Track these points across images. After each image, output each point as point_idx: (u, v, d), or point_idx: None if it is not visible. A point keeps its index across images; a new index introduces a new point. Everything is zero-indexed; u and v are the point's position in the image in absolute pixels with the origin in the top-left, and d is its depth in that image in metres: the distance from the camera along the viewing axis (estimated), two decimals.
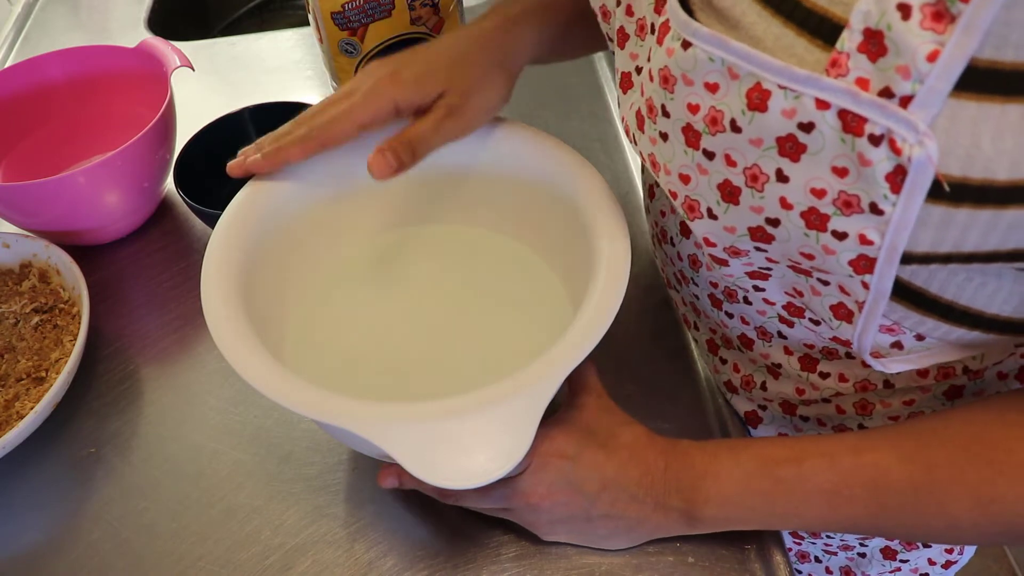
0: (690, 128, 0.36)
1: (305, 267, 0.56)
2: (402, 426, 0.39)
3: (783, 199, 0.34)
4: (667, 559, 0.48)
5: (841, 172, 0.32)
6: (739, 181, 0.36)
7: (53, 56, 0.75)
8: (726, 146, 0.35)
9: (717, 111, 0.35)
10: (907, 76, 0.29)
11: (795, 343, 0.48)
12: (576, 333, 0.42)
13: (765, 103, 0.32)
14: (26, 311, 0.62)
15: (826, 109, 0.31)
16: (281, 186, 0.53)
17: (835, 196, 0.33)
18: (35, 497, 0.55)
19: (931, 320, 0.39)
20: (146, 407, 0.59)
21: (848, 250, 0.34)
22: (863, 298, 0.37)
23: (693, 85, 0.35)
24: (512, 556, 0.49)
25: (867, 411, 0.50)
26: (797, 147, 0.33)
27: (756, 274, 0.43)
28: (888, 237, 0.33)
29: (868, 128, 0.30)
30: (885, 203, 0.31)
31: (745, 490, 0.43)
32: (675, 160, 0.39)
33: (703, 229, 0.40)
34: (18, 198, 0.63)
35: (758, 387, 0.54)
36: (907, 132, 0.29)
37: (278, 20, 1.21)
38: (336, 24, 0.59)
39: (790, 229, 0.35)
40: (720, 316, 0.51)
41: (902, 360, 0.42)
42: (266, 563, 0.50)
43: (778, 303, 0.44)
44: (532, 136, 0.54)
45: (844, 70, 0.30)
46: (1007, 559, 1.38)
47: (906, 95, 0.29)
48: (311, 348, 0.53)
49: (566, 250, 0.53)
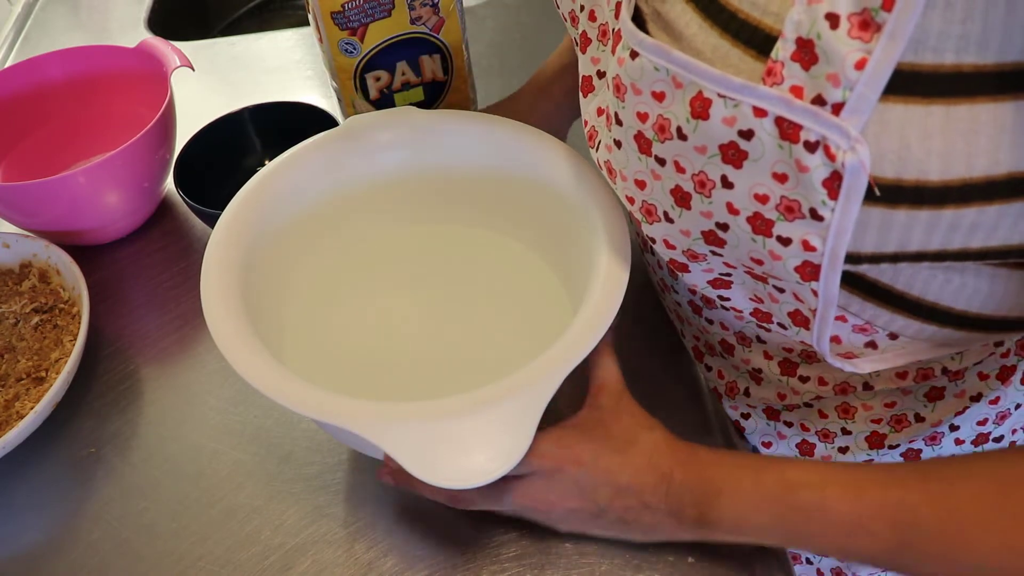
0: (641, 136, 0.37)
1: (304, 267, 0.56)
2: (401, 426, 0.39)
3: (730, 204, 0.35)
4: (667, 559, 0.48)
5: (781, 178, 0.33)
6: (689, 187, 0.36)
7: (53, 56, 0.75)
8: (675, 153, 0.36)
9: (664, 119, 0.35)
10: (837, 84, 0.29)
11: (774, 347, 0.48)
12: (575, 333, 0.42)
13: (707, 111, 0.33)
14: (26, 311, 0.62)
15: (763, 117, 0.32)
16: (280, 186, 0.53)
17: (777, 202, 0.33)
18: (35, 497, 0.55)
19: (901, 317, 0.39)
20: (146, 407, 0.59)
21: (793, 256, 0.35)
22: (814, 305, 0.37)
23: (642, 94, 0.36)
24: (512, 556, 0.49)
25: (849, 414, 0.49)
26: (739, 154, 0.33)
27: (718, 282, 0.43)
28: (829, 243, 0.33)
29: (803, 135, 0.31)
30: (824, 209, 0.32)
31: (761, 511, 0.42)
32: (630, 166, 0.39)
33: (661, 232, 0.40)
34: (18, 198, 0.63)
35: (742, 393, 0.54)
36: (840, 139, 0.30)
37: (278, 20, 1.21)
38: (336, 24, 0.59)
39: (738, 234, 0.36)
40: (701, 322, 0.52)
41: (877, 360, 0.42)
42: (266, 563, 0.50)
43: (745, 311, 0.45)
44: (532, 136, 0.54)
45: (779, 78, 0.31)
46: None
47: (837, 102, 0.30)
48: (310, 348, 0.53)
49: (565, 250, 0.53)
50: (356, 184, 0.56)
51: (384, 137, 0.56)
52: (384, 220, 0.59)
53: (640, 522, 0.45)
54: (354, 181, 0.56)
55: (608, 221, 0.48)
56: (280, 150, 0.55)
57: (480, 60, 0.88)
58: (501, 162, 0.55)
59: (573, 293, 0.52)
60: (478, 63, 0.88)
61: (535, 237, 0.57)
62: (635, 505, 0.44)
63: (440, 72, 0.65)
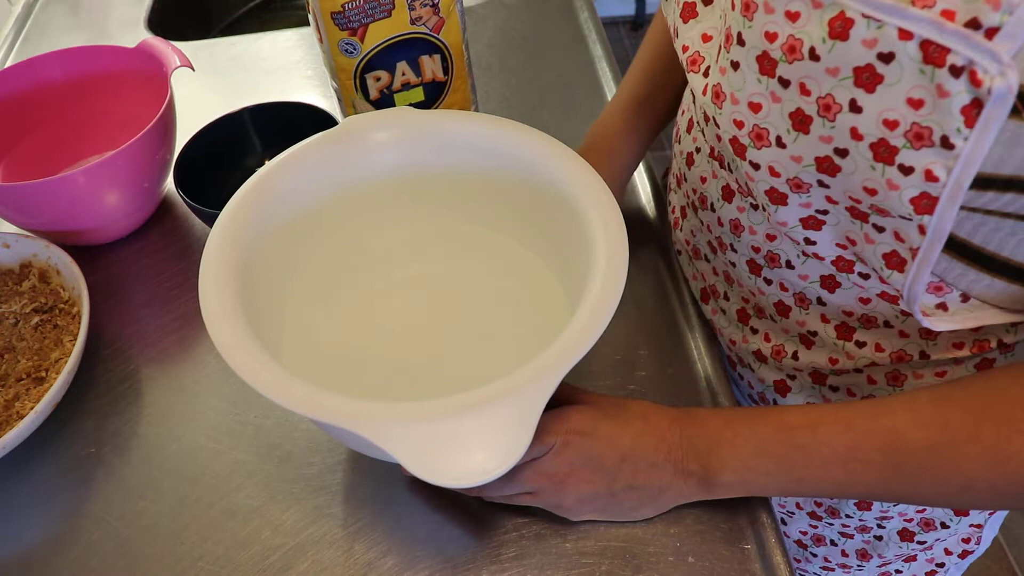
0: (766, 56, 0.37)
1: (303, 267, 0.56)
2: (401, 426, 0.39)
3: (854, 129, 0.35)
4: (667, 559, 0.48)
5: (916, 104, 0.32)
6: (811, 110, 0.36)
7: (53, 56, 0.75)
8: (802, 74, 0.35)
9: (796, 39, 0.35)
10: (997, 7, 0.29)
11: (833, 310, 0.48)
12: (574, 332, 0.42)
13: (847, 31, 0.33)
14: (26, 311, 0.62)
15: (908, 40, 0.31)
16: (279, 186, 0.53)
17: (907, 128, 0.33)
18: (35, 497, 0.55)
19: (973, 271, 0.39)
20: (146, 407, 0.59)
21: (912, 186, 0.34)
22: (917, 244, 0.37)
23: (774, 13, 0.35)
24: (512, 556, 0.49)
25: (898, 382, 0.50)
26: (874, 78, 0.33)
27: (811, 220, 0.43)
28: (955, 172, 0.33)
29: (950, 59, 0.30)
30: (957, 137, 0.32)
31: (761, 455, 0.43)
32: (745, 89, 0.39)
33: (770, 157, 0.40)
34: (18, 198, 0.63)
35: (789, 356, 0.54)
36: (990, 63, 0.29)
37: (278, 20, 1.21)
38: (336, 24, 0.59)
39: (857, 160, 0.35)
40: (757, 283, 0.51)
41: (947, 320, 0.42)
42: (266, 563, 0.50)
43: (828, 258, 0.44)
44: (529, 136, 0.54)
45: (931, 0, 0.30)
46: (1007, 559, 1.38)
47: (993, 26, 0.29)
48: (309, 348, 0.53)
49: (563, 249, 0.53)
50: (354, 184, 0.56)
51: (381, 137, 0.56)
52: (382, 220, 0.59)
53: (649, 485, 0.45)
54: (352, 181, 0.56)
55: (606, 220, 0.48)
56: (280, 150, 0.55)
57: (480, 60, 0.88)
58: (499, 162, 0.55)
59: (571, 292, 0.52)
60: (478, 63, 0.88)
61: (533, 236, 0.57)
62: (643, 467, 0.45)
63: (440, 72, 0.65)
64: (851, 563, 0.67)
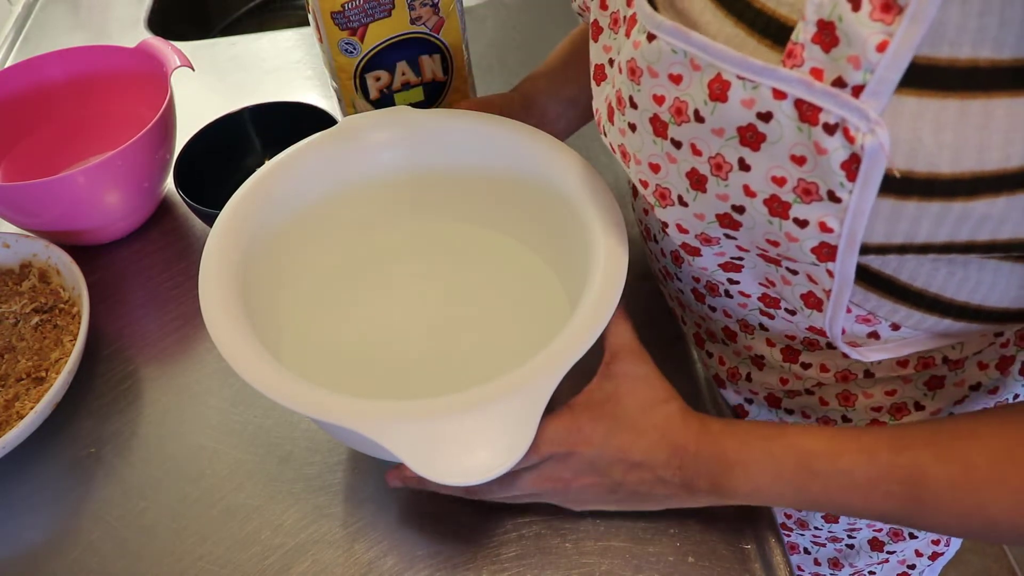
0: (657, 119, 0.37)
1: (303, 266, 0.56)
2: (403, 424, 0.39)
3: (746, 187, 0.35)
4: (667, 559, 0.48)
5: (799, 160, 0.33)
6: (705, 170, 0.37)
7: (53, 56, 0.75)
8: (691, 136, 0.36)
9: (681, 101, 0.35)
10: (858, 66, 0.30)
11: (776, 335, 0.48)
12: (574, 330, 0.42)
13: (725, 93, 0.33)
14: (26, 311, 0.62)
15: (783, 99, 0.32)
16: (278, 186, 0.53)
17: (795, 184, 0.33)
18: (35, 497, 0.55)
19: (903, 308, 0.39)
20: (146, 407, 0.59)
21: (810, 237, 0.35)
22: (829, 286, 0.38)
23: (658, 76, 0.36)
24: (512, 556, 0.49)
25: (850, 402, 0.50)
26: (757, 136, 0.33)
27: (729, 265, 0.43)
28: (847, 224, 0.33)
29: (823, 117, 0.31)
30: (842, 191, 0.32)
31: (777, 481, 0.42)
32: (644, 150, 0.39)
33: (675, 216, 0.40)
34: (18, 198, 0.63)
35: (744, 379, 0.54)
36: (859, 121, 0.30)
37: (278, 20, 1.21)
38: (336, 24, 0.59)
39: (755, 216, 0.36)
40: (704, 309, 0.52)
41: (880, 349, 0.43)
42: (266, 563, 0.50)
43: (754, 295, 0.45)
44: (529, 135, 0.54)
45: (799, 60, 0.31)
46: (1007, 559, 1.38)
47: (858, 84, 0.30)
48: (310, 347, 0.53)
49: (563, 248, 0.53)
50: (353, 183, 0.56)
51: (380, 136, 0.56)
52: (381, 219, 0.59)
53: (654, 495, 0.45)
54: (351, 180, 0.56)
55: (605, 219, 0.48)
56: (280, 150, 0.55)
57: (480, 60, 0.88)
58: (498, 161, 0.55)
59: (571, 290, 0.52)
60: (478, 63, 0.88)
61: (532, 235, 0.57)
62: (649, 479, 0.44)
63: (440, 72, 0.65)
64: (824, 572, 0.68)
